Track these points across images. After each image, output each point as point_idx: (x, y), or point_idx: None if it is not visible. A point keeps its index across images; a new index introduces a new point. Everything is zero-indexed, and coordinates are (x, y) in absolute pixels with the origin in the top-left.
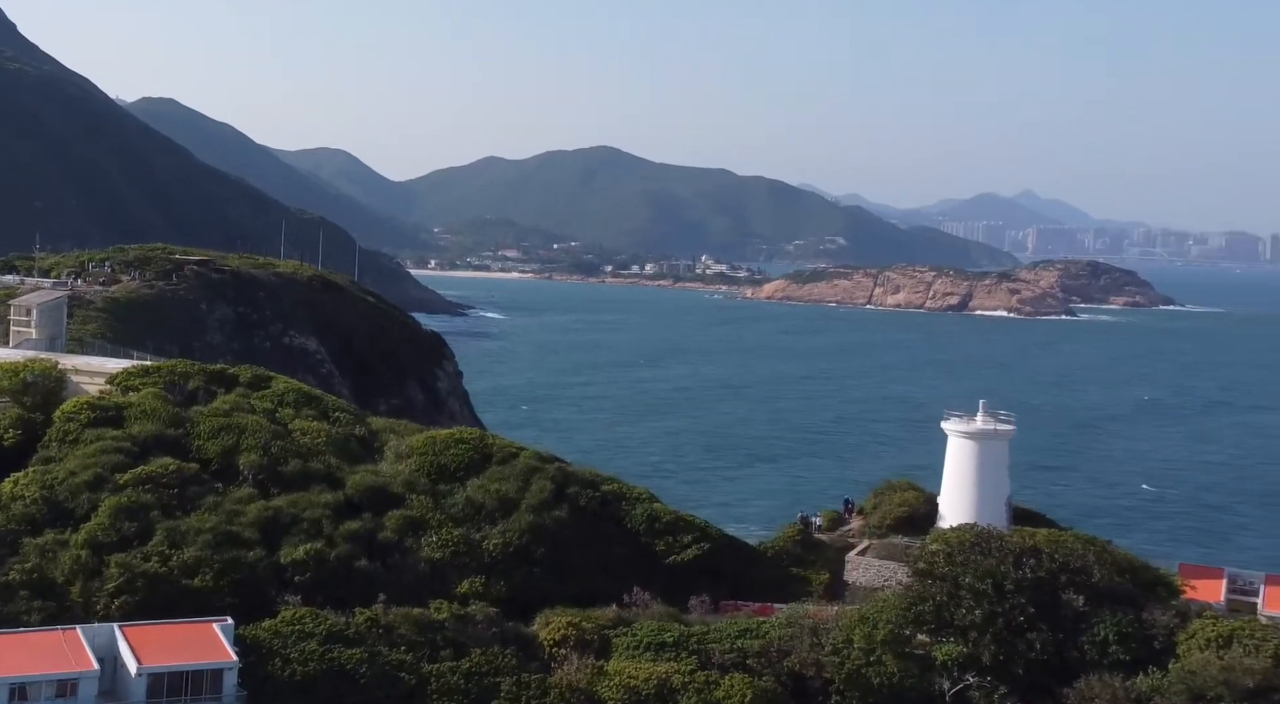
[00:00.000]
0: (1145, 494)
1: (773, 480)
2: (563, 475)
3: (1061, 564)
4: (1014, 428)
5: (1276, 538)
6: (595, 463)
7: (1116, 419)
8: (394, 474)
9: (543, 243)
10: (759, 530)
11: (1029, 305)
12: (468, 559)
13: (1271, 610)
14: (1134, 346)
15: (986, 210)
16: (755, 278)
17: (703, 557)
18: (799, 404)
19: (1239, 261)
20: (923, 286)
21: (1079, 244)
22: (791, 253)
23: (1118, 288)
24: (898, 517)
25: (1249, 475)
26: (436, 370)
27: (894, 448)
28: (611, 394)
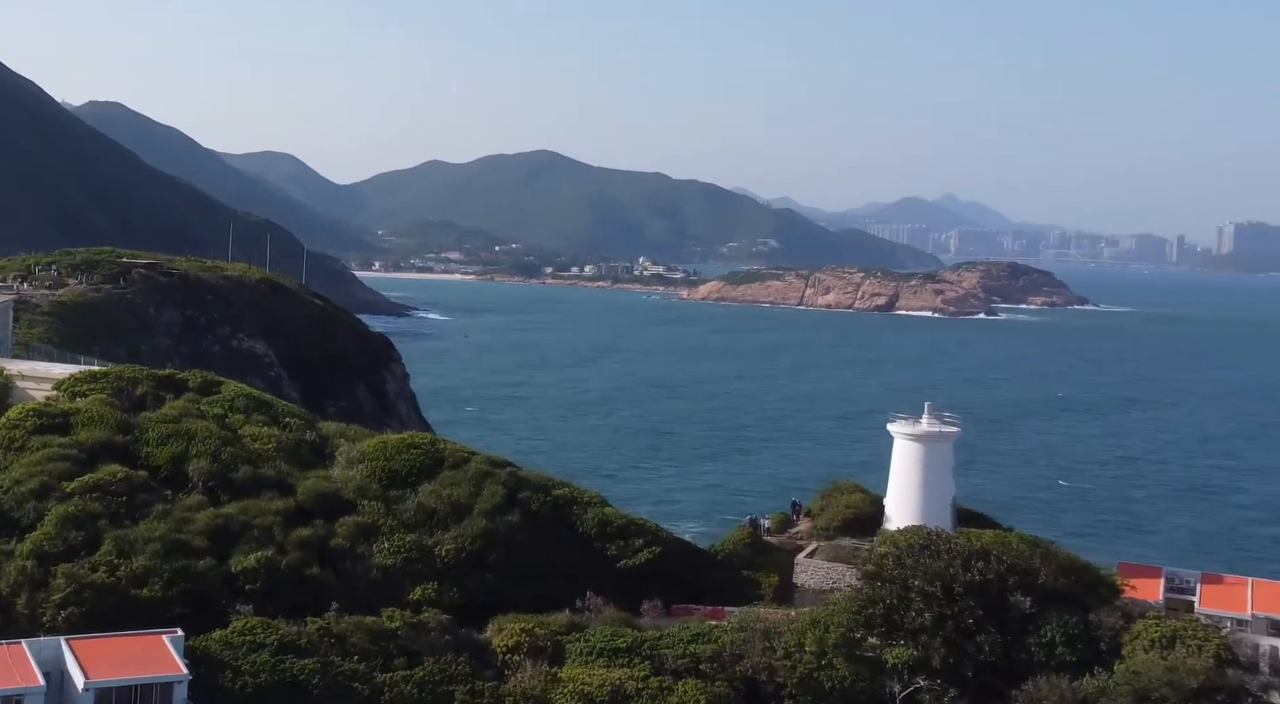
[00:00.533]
0: (1061, 489)
1: (705, 478)
2: (514, 480)
3: (1009, 566)
4: (959, 429)
5: (1188, 531)
6: (533, 462)
7: (1031, 415)
8: (345, 480)
9: (485, 245)
10: (692, 526)
11: (953, 305)
12: (420, 566)
13: (1208, 608)
14: (1049, 345)
15: (911, 213)
16: (691, 279)
17: (654, 560)
18: (730, 402)
19: (1147, 263)
20: (852, 287)
21: (998, 246)
22: (726, 254)
23: (1036, 288)
24: (845, 518)
25: (1159, 469)
26: (384, 373)
27: (821, 444)
28: (549, 394)
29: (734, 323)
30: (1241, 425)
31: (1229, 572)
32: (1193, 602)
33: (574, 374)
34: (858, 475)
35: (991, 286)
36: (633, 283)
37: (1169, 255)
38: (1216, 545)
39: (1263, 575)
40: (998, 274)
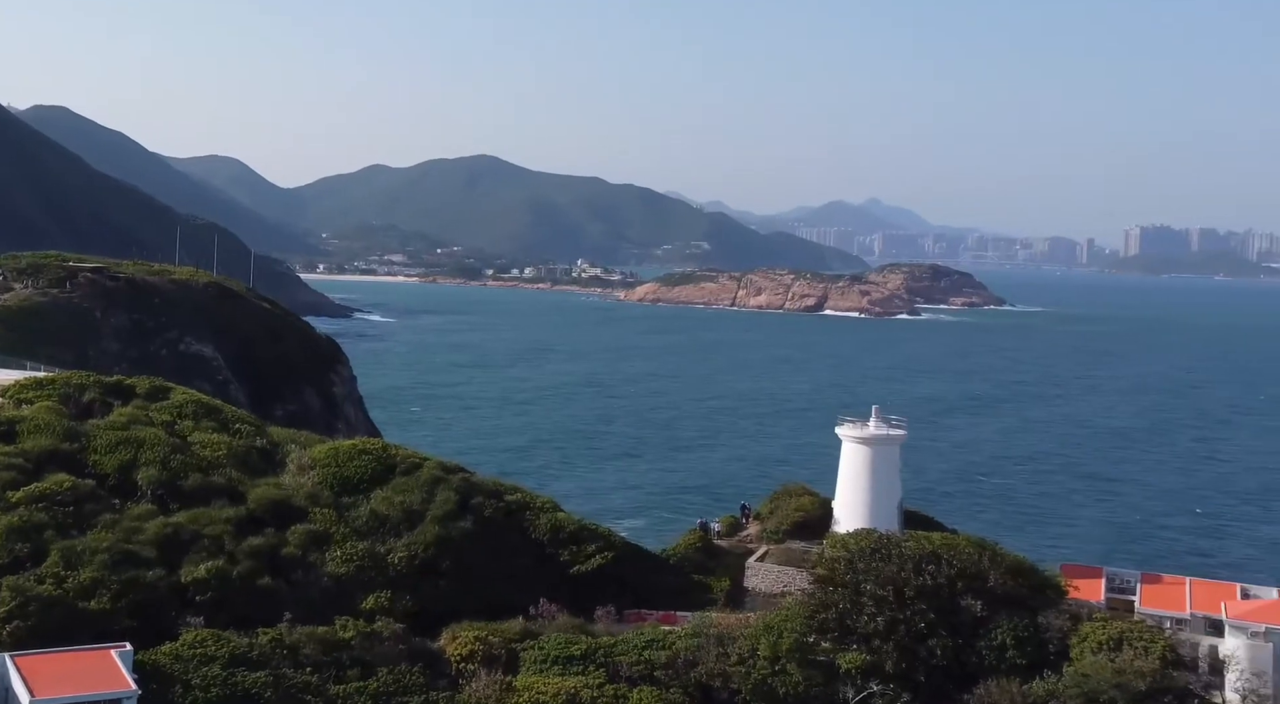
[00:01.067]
0: (981, 484)
1: (639, 475)
2: (467, 486)
3: (959, 570)
4: (905, 432)
5: (1101, 523)
6: (470, 461)
7: (952, 411)
8: (297, 487)
9: (427, 247)
10: (630, 523)
11: (878, 306)
12: (373, 573)
13: (1148, 608)
14: (969, 343)
15: (837, 217)
16: (628, 280)
17: (607, 565)
18: (662, 400)
19: (1059, 264)
20: (782, 288)
21: (920, 248)
22: (661, 257)
23: (957, 289)
24: (794, 521)
25: (1071, 463)
26: (332, 376)
27: (752, 440)
28: (487, 392)
29: (669, 323)
30: (1147, 419)
31: (1131, 563)
32: (1133, 601)
33: (511, 373)
34: (784, 469)
35: (915, 288)
36: (571, 284)
37: (1080, 257)
38: (1125, 538)
39: (1166, 568)
40: (921, 276)
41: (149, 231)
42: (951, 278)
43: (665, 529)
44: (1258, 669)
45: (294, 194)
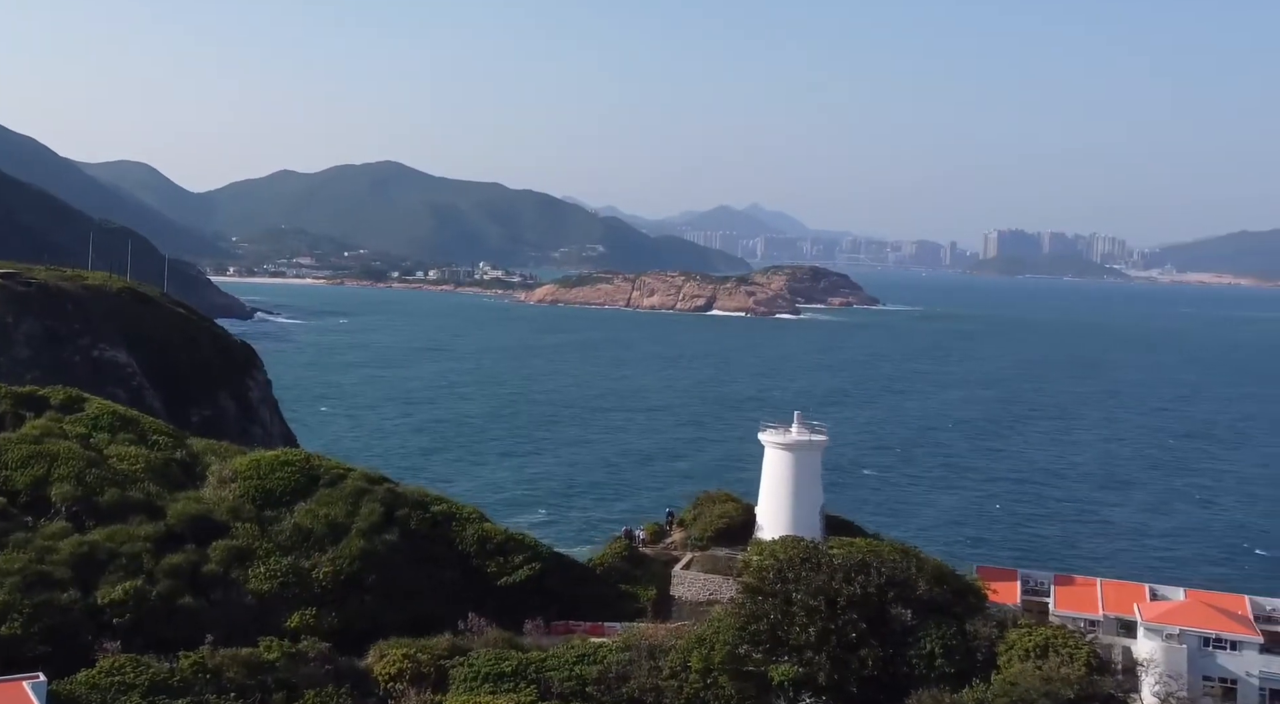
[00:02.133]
0: (851, 475)
1: (519, 469)
2: (392, 497)
3: (889, 578)
4: (827, 438)
5: (958, 511)
6: (373, 460)
7: (824, 405)
8: (218, 501)
9: (334, 250)
10: (507, 515)
11: (763, 306)
12: (297, 590)
13: (1062, 610)
14: (843, 340)
15: (722, 221)
16: (528, 282)
17: (534, 576)
18: (553, 396)
19: (925, 266)
20: (674, 290)
21: (799, 251)
22: (558, 259)
23: (835, 290)
24: (718, 528)
25: (927, 453)
26: (247, 380)
27: (629, 435)
28: (390, 391)
29: (565, 323)
30: (991, 410)
31: (975, 551)
32: (1047, 603)
33: (413, 372)
34: (662, 462)
35: (796, 288)
36: (474, 286)
37: (944, 259)
38: (972, 525)
39: (1008, 549)
40: (801, 277)
41: (61, 236)
42: (830, 279)
43: (555, 520)
44: (1174, 671)
45: (204, 198)
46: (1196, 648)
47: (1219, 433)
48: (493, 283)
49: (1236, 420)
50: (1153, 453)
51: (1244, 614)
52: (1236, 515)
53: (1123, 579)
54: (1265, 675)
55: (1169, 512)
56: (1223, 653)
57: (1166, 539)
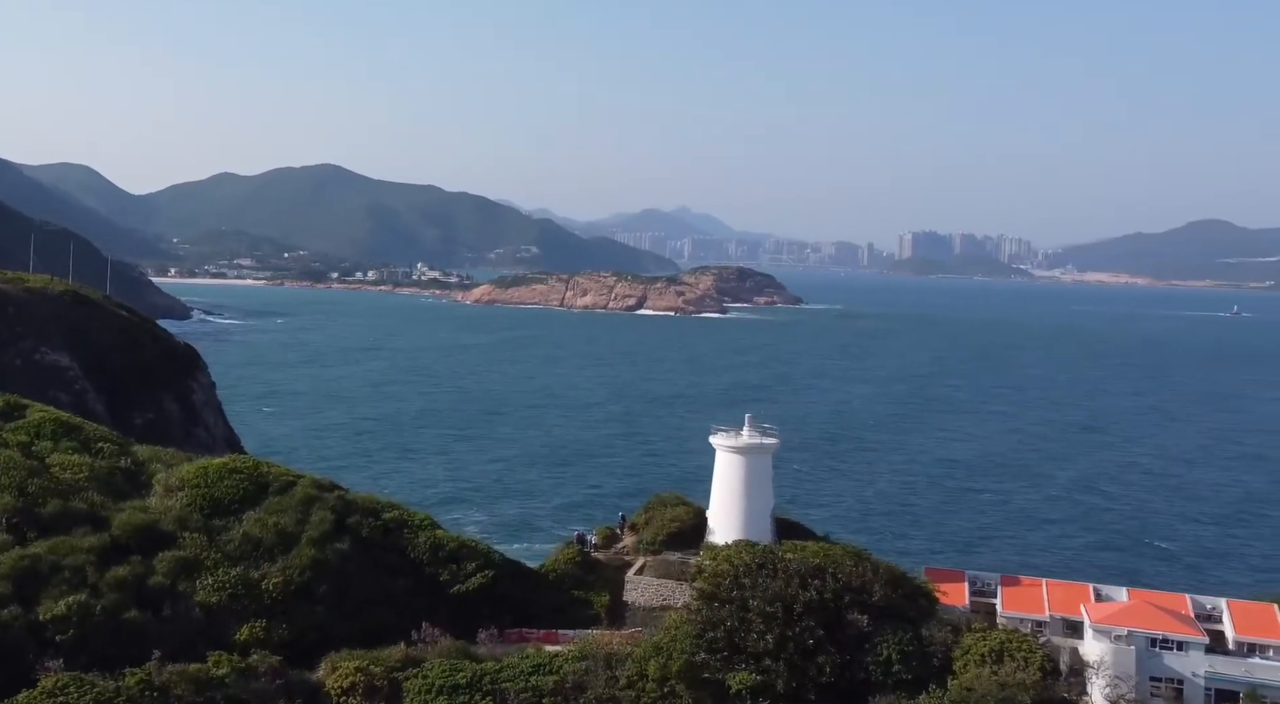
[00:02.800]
0: None
1: (452, 467)
2: (343, 504)
3: (844, 583)
4: (778, 440)
5: (873, 502)
6: (310, 457)
7: (740, 402)
8: (164, 510)
9: (274, 252)
10: (442, 512)
11: (692, 305)
12: (247, 601)
13: (1010, 611)
14: (770, 337)
15: (651, 223)
16: (465, 283)
17: (487, 584)
18: (482, 393)
19: (844, 266)
20: (606, 290)
21: (725, 252)
22: (494, 260)
23: (760, 289)
24: (670, 532)
25: (845, 447)
26: (191, 382)
27: (560, 432)
28: (326, 389)
29: (501, 322)
30: (904, 404)
31: (887, 544)
32: (994, 604)
33: (353, 371)
34: (592, 458)
35: (724, 288)
36: (412, 287)
37: (861, 260)
38: (886, 516)
39: (900, 534)
40: (728, 277)
41: (1, 238)
42: (755, 279)
43: (484, 514)
44: (1122, 672)
45: (145, 200)
46: (1144, 649)
47: (1113, 425)
48: (430, 283)
49: (1131, 413)
50: (1051, 445)
51: (1187, 614)
52: (1131, 505)
53: (1027, 575)
54: (1211, 676)
55: (1068, 502)
56: (1169, 653)
57: (1067, 527)
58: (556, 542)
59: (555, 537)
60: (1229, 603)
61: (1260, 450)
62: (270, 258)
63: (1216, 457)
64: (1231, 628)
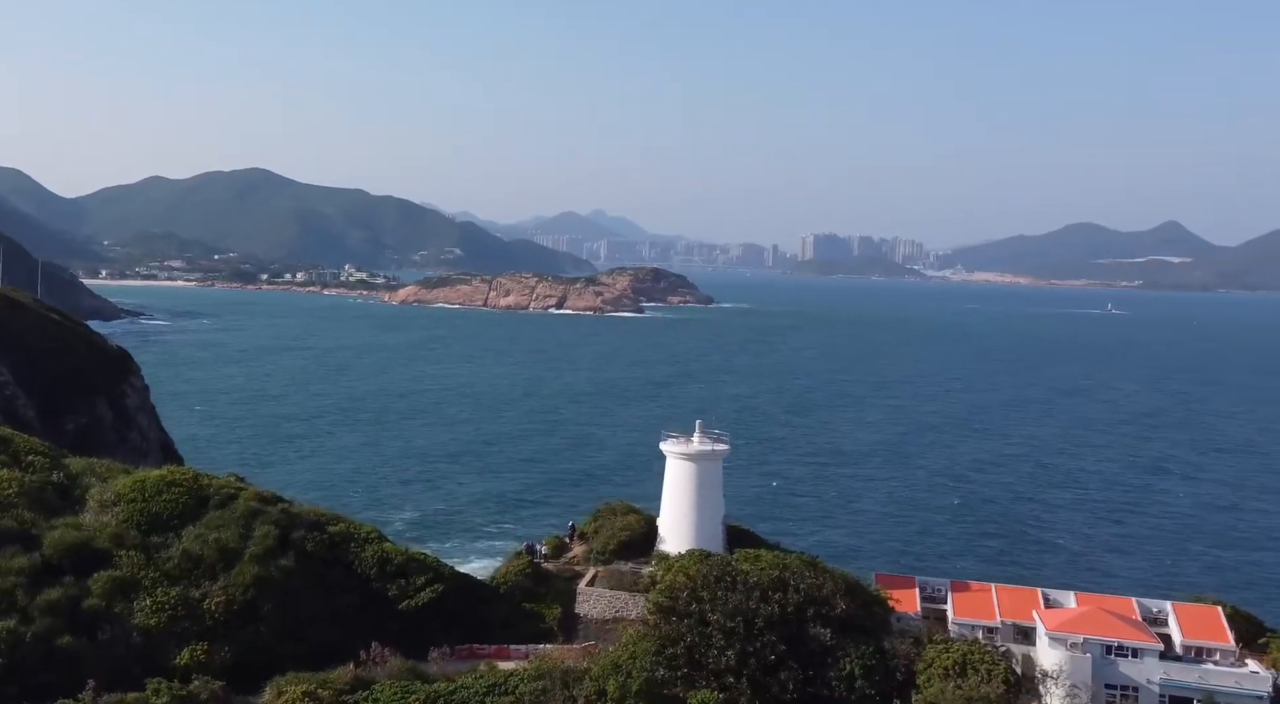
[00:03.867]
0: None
1: (345, 453)
2: (287, 518)
3: (806, 596)
4: (728, 447)
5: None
6: (236, 459)
7: (635, 398)
8: (99, 527)
9: (204, 254)
10: (360, 510)
11: (610, 304)
12: (188, 623)
13: (960, 617)
14: (683, 334)
15: (569, 225)
16: (391, 284)
17: (437, 598)
18: (402, 390)
19: (750, 267)
20: (528, 290)
21: (638, 254)
22: (418, 262)
23: (674, 289)
24: (620, 541)
25: (741, 439)
26: (124, 386)
27: (445, 428)
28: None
29: (426, 322)
30: (798, 396)
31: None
32: (945, 611)
33: (272, 369)
34: (494, 450)
35: (640, 288)
36: (340, 288)
37: (767, 260)
38: (774, 504)
39: (783, 519)
40: (644, 278)
41: None
42: (669, 279)
43: (381, 504)
44: (1079, 680)
45: (76, 204)
46: (1099, 656)
47: (990, 417)
48: (358, 284)
49: (1007, 405)
50: (932, 434)
51: (1135, 618)
52: (994, 492)
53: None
54: (1165, 683)
55: (944, 491)
56: (1124, 661)
57: (942, 514)
58: (478, 536)
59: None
60: (1174, 606)
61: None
62: (200, 260)
63: (1083, 445)
64: (1179, 631)
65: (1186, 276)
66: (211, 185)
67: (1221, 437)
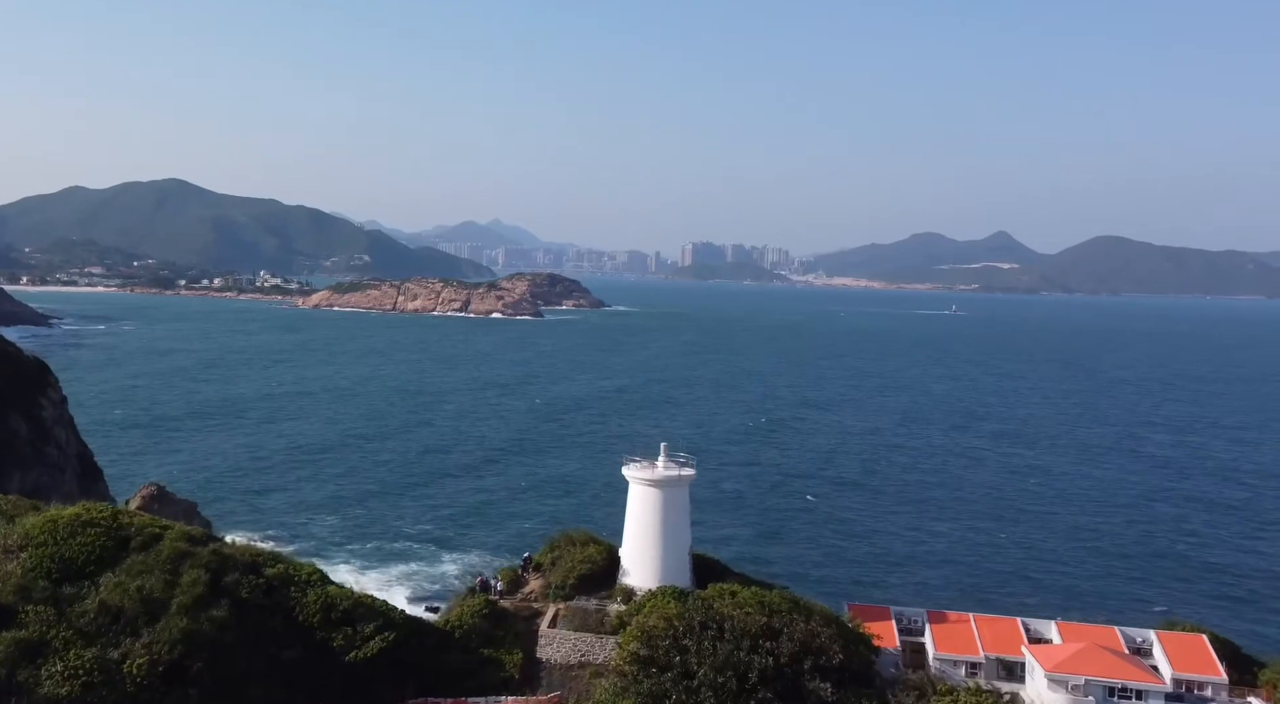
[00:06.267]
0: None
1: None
2: (218, 560)
3: (801, 645)
4: (694, 471)
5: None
6: (157, 467)
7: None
8: (3, 578)
9: (123, 261)
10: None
11: (511, 308)
12: (105, 691)
13: (942, 652)
14: (543, 336)
15: (469, 234)
16: (305, 289)
17: (387, 648)
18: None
19: (635, 272)
20: (434, 295)
21: (534, 260)
22: (329, 268)
23: (568, 293)
24: (580, 574)
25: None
26: (40, 399)
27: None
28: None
29: (334, 325)
30: (659, 389)
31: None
32: (924, 644)
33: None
34: (395, 440)
35: (538, 292)
36: (256, 293)
37: (650, 266)
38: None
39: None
40: (541, 283)
41: None
42: (564, 284)
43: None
44: None
45: None
46: (1102, 699)
47: (832, 401)
48: (273, 289)
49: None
50: (776, 430)
51: (1120, 649)
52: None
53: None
54: None
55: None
56: (1128, 703)
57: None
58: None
59: (393, 529)
60: (1158, 635)
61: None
62: (119, 266)
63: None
64: (1167, 663)
65: (1015, 280)
66: (130, 194)
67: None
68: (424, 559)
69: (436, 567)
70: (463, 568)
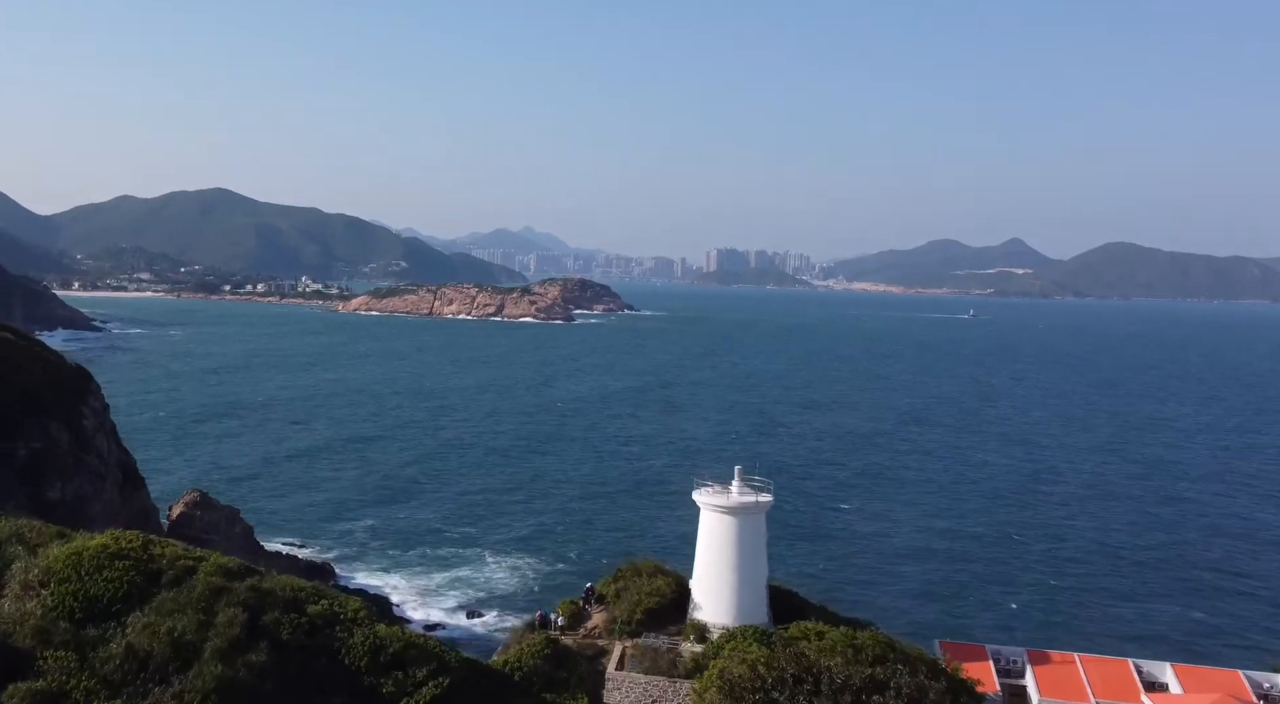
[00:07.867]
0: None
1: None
2: (257, 597)
3: (910, 700)
4: (772, 498)
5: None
6: (201, 476)
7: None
8: (19, 619)
9: (171, 267)
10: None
11: (544, 312)
12: None
13: (1049, 698)
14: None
15: (502, 240)
16: (345, 294)
17: (441, 695)
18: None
19: (661, 278)
20: (469, 299)
21: (564, 266)
22: (368, 274)
23: (599, 298)
24: (648, 608)
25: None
26: (82, 406)
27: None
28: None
29: (380, 330)
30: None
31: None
32: (1024, 687)
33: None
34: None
35: (569, 297)
36: (298, 298)
37: (676, 272)
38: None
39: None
40: (573, 288)
41: None
42: (595, 289)
43: (383, 520)
44: None
45: (49, 220)
46: None
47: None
48: (313, 294)
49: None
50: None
51: (1253, 701)
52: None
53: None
54: None
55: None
56: None
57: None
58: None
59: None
60: None
61: None
62: (167, 272)
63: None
64: None
65: (1028, 285)
66: (177, 203)
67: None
68: (471, 563)
69: (482, 571)
70: (509, 573)
